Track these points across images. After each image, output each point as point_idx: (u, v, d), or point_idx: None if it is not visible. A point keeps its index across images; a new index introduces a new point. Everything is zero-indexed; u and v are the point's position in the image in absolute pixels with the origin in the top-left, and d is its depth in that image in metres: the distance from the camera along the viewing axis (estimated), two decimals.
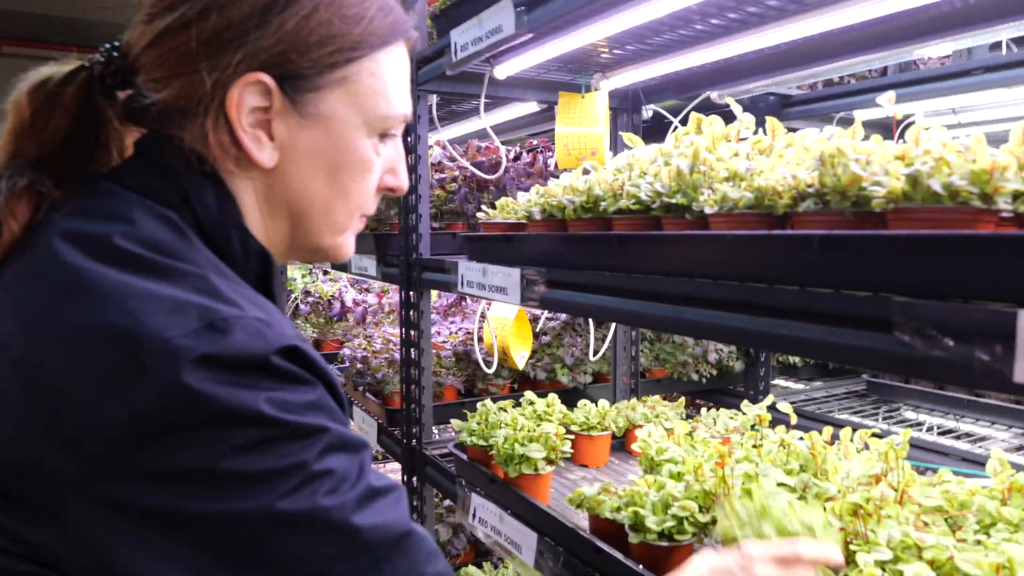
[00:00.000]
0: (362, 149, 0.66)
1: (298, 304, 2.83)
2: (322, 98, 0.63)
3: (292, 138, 0.63)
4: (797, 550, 0.82)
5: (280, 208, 0.66)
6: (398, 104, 0.67)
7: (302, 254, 0.70)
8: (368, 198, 0.69)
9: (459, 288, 1.46)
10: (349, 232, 0.70)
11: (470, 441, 1.44)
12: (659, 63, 1.64)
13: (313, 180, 0.65)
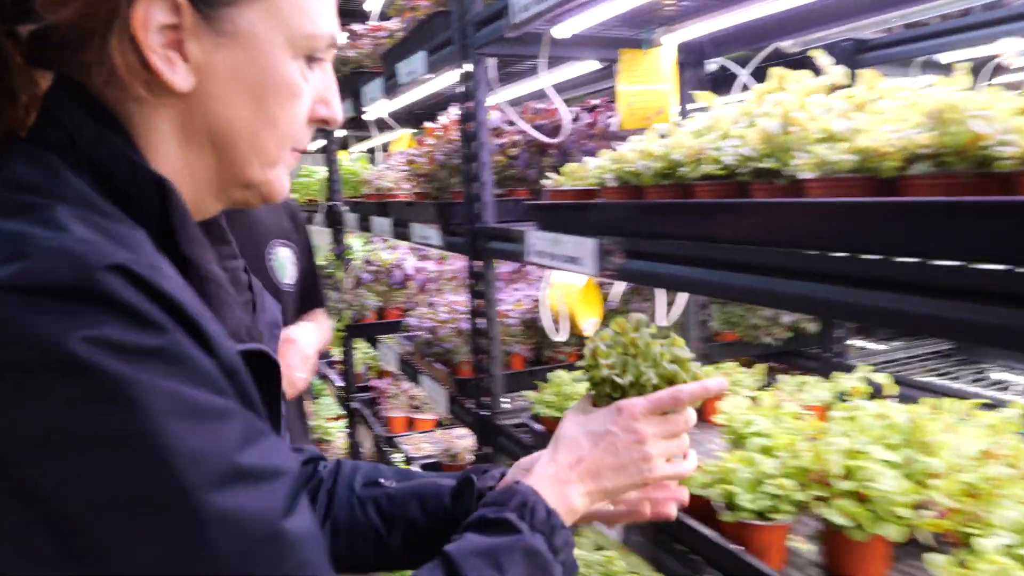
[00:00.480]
0: (288, 71, 0.61)
1: (359, 274, 2.85)
2: (239, 13, 0.59)
3: (209, 59, 0.58)
4: (675, 394, 0.77)
5: (202, 137, 0.61)
6: (324, 23, 0.63)
7: (235, 191, 0.65)
8: (298, 128, 0.64)
9: (527, 258, 1.43)
10: (281, 166, 0.65)
11: (545, 412, 1.42)
12: (728, 14, 1.55)
13: (236, 104, 0.60)
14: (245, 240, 1.72)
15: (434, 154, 1.93)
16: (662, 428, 0.76)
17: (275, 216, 1.80)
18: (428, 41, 1.85)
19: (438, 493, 0.87)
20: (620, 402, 0.76)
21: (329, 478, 0.90)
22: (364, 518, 0.86)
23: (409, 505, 0.87)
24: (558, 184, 1.39)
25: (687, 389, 0.77)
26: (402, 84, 2.08)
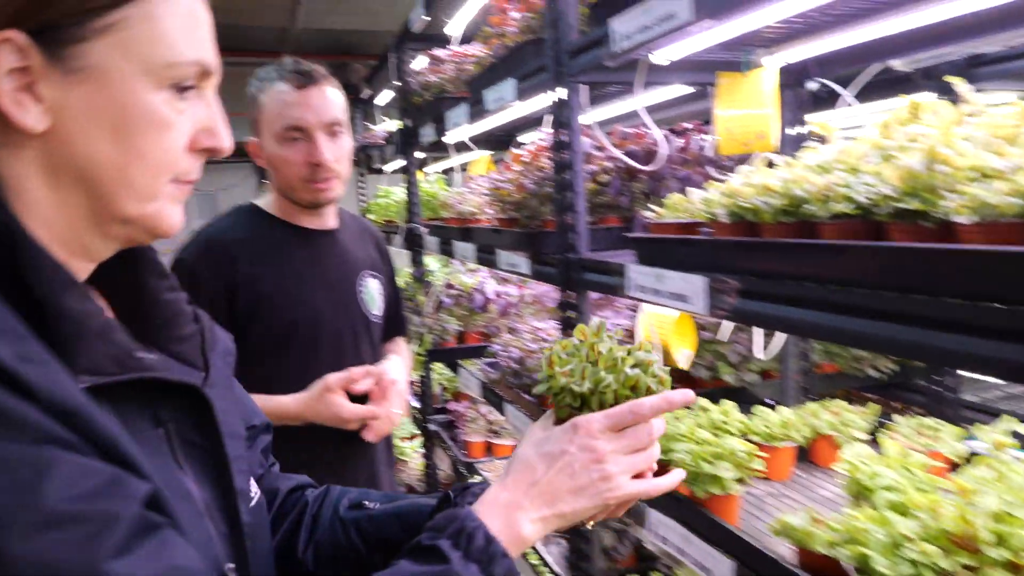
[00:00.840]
0: (149, 104, 0.60)
1: (440, 298, 2.85)
2: (89, 49, 0.58)
3: (63, 97, 0.57)
4: (635, 408, 0.72)
5: (68, 176, 0.60)
6: (186, 50, 0.61)
7: (115, 228, 0.63)
8: (175, 158, 0.63)
9: (627, 292, 1.39)
10: (162, 200, 0.63)
11: None
12: (839, 35, 1.47)
13: (96, 141, 0.59)
14: (339, 274, 1.70)
15: (523, 182, 1.90)
16: (623, 443, 0.72)
17: (364, 246, 1.81)
18: (518, 68, 1.83)
19: (418, 512, 0.86)
20: (576, 419, 0.72)
21: (315, 503, 0.91)
22: (346, 540, 0.87)
23: (389, 526, 0.86)
24: (660, 216, 1.35)
25: (648, 402, 0.72)
26: (489, 110, 2.08)
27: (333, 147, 1.56)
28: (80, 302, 0.58)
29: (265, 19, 4.96)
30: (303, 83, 1.53)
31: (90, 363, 0.56)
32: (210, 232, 1.60)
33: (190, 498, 0.64)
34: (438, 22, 3.37)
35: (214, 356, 0.74)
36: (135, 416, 0.61)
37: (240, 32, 5.34)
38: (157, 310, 0.70)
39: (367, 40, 5.74)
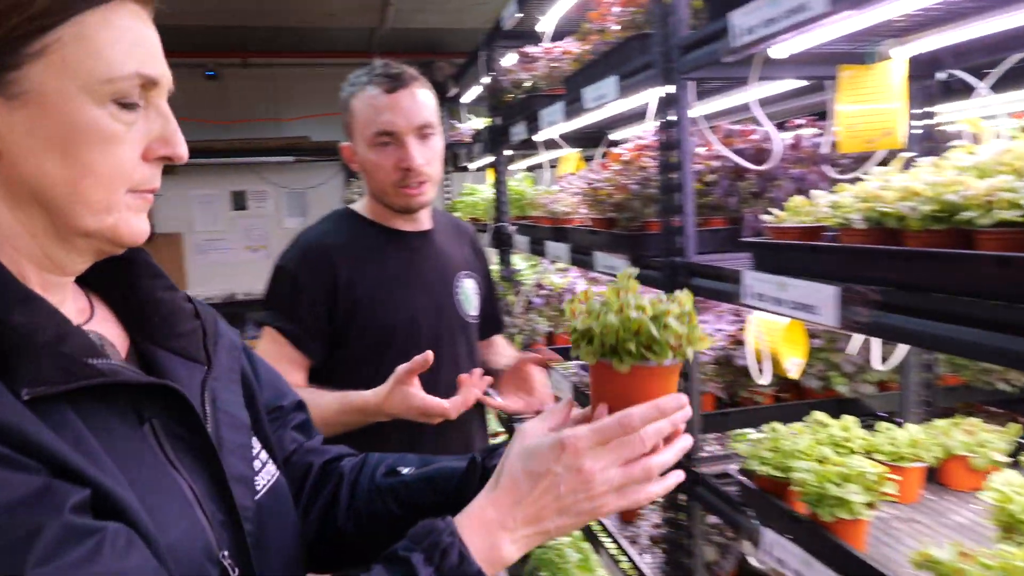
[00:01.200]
0: (93, 120, 0.62)
1: (530, 298, 2.82)
2: (25, 74, 0.60)
3: (7, 123, 0.60)
4: (623, 420, 0.69)
5: (24, 196, 0.63)
6: (123, 65, 0.63)
7: (79, 242, 0.66)
8: (128, 170, 0.65)
9: (743, 299, 1.32)
10: (122, 210, 0.65)
11: (760, 470, 1.30)
12: (977, 23, 1.36)
13: (43, 161, 0.61)
14: (435, 276, 1.68)
15: (624, 182, 1.85)
16: (614, 456, 0.70)
17: (459, 246, 1.80)
18: (621, 65, 1.78)
19: (449, 476, 0.88)
20: (563, 436, 0.69)
21: (352, 471, 0.93)
22: (383, 508, 0.89)
23: (423, 492, 0.88)
24: (779, 220, 1.27)
25: (636, 413, 0.70)
26: (587, 108, 2.03)
27: (424, 150, 1.54)
28: (28, 316, 0.60)
29: (356, 21, 5.05)
30: (393, 87, 1.52)
31: (33, 375, 0.58)
32: (308, 237, 1.61)
33: (175, 491, 0.66)
34: (530, 19, 3.33)
35: (219, 350, 0.78)
36: (112, 416, 0.64)
37: (330, 35, 5.46)
38: (153, 309, 0.75)
39: (452, 38, 5.77)
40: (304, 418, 0.96)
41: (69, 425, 0.59)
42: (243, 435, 0.77)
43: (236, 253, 6.33)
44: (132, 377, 0.64)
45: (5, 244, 0.63)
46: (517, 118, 2.87)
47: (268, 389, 0.90)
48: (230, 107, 6.02)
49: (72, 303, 0.71)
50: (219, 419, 0.75)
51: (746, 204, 1.76)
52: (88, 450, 0.59)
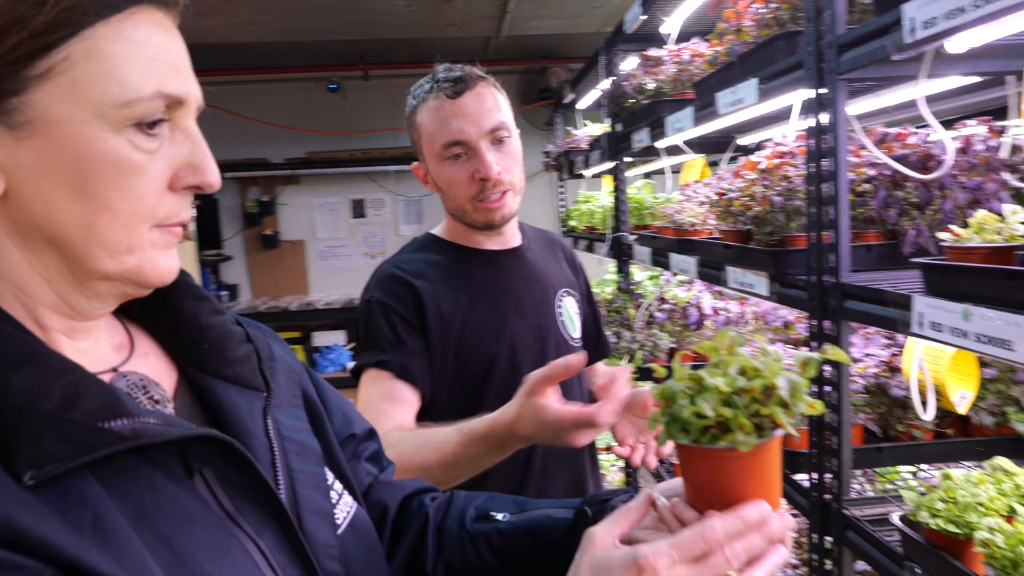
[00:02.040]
0: (109, 149, 0.54)
1: (652, 312, 2.70)
2: (29, 101, 0.52)
3: (12, 156, 0.53)
4: (706, 534, 0.60)
5: (36, 239, 0.55)
6: (142, 84, 0.54)
7: (99, 286, 0.58)
8: (151, 205, 0.57)
9: (912, 328, 1.16)
10: (146, 249, 0.57)
11: (934, 524, 1.14)
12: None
13: (55, 198, 0.54)
14: (533, 297, 1.50)
15: (765, 193, 1.71)
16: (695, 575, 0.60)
17: (554, 262, 1.66)
18: (763, 67, 1.64)
19: (552, 528, 0.81)
20: (640, 554, 0.60)
21: (438, 513, 0.86)
22: (476, 557, 0.82)
23: (522, 542, 0.81)
24: (962, 239, 1.11)
25: (720, 526, 0.60)
26: (720, 113, 1.90)
27: (500, 156, 1.38)
28: (31, 379, 0.52)
29: (474, 30, 5.08)
30: (457, 91, 1.36)
31: (36, 455, 0.49)
32: (384, 268, 1.45)
33: (237, 552, 0.59)
34: (653, 21, 3.21)
35: (276, 374, 0.72)
36: (155, 472, 0.57)
37: (447, 44, 5.53)
38: (201, 335, 0.68)
39: (568, 43, 5.70)
40: (376, 448, 0.88)
41: (88, 504, 0.51)
42: (315, 464, 0.71)
43: (355, 259, 6.52)
44: (162, 434, 0.56)
45: (16, 289, 0.57)
46: (640, 124, 2.76)
47: (337, 416, 0.83)
48: (351, 118, 6.21)
49: (108, 340, 0.65)
50: (287, 447, 0.68)
51: (906, 217, 1.58)
52: (108, 534, 0.51)
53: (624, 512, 0.68)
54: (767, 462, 0.64)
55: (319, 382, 0.84)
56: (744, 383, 0.63)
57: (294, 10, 4.37)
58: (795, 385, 0.63)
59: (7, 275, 0.56)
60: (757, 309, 2.57)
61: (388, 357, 1.34)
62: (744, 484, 0.64)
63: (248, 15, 4.40)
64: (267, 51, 5.38)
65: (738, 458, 0.62)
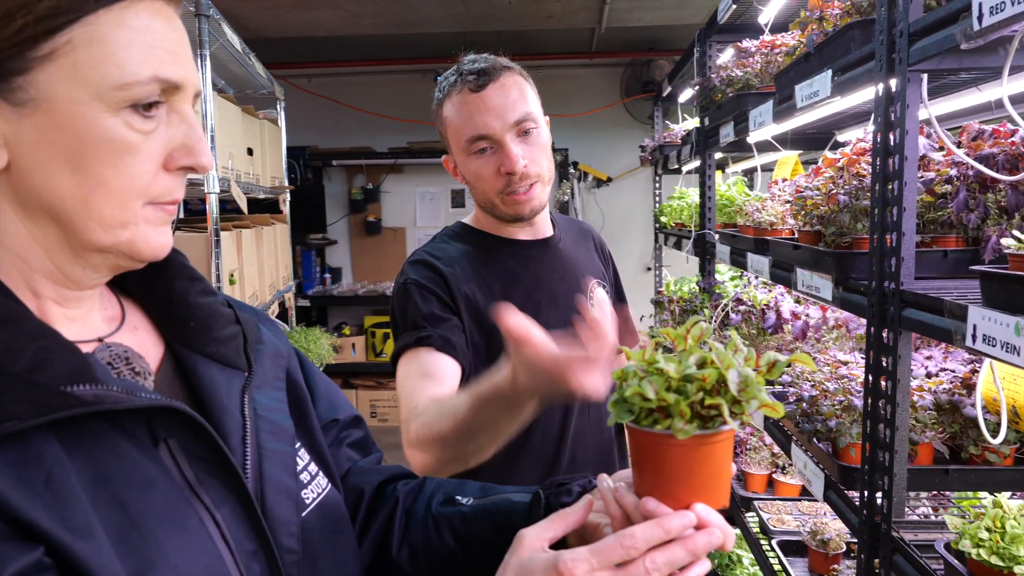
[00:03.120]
0: (106, 129, 0.57)
1: (728, 312, 2.61)
2: (33, 80, 0.55)
3: (15, 131, 0.56)
4: (624, 541, 0.60)
5: (36, 210, 0.59)
6: (139, 68, 0.57)
7: (93, 257, 0.62)
8: (145, 183, 0.60)
9: (965, 342, 1.07)
10: (139, 224, 0.61)
11: (975, 554, 1.05)
12: None
13: (54, 173, 0.57)
14: (563, 286, 1.47)
15: (835, 191, 1.61)
16: None
17: (586, 252, 1.62)
18: (839, 57, 1.55)
19: (511, 511, 0.81)
20: (560, 560, 0.60)
21: (408, 496, 0.87)
22: (439, 540, 0.83)
23: (482, 525, 0.81)
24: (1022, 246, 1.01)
25: (640, 534, 0.60)
26: (799, 107, 1.80)
27: (526, 148, 1.36)
28: (4, 341, 0.54)
29: (574, 22, 5.05)
30: (480, 83, 1.34)
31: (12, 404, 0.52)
32: (420, 255, 1.46)
33: (191, 521, 0.61)
34: (751, 11, 3.09)
35: (261, 356, 0.74)
36: (121, 439, 0.59)
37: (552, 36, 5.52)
38: (190, 313, 0.70)
39: (671, 34, 5.56)
40: (361, 435, 0.90)
41: (44, 462, 0.54)
42: (286, 443, 0.72)
43: None
44: (121, 401, 0.58)
45: (14, 257, 0.60)
46: (726, 118, 2.67)
47: (323, 402, 0.85)
48: None
49: (100, 312, 0.68)
50: (260, 426, 0.70)
51: (993, 222, 1.45)
52: (58, 494, 0.53)
53: (560, 516, 0.68)
54: (710, 456, 0.62)
55: (309, 368, 0.87)
56: (695, 372, 0.61)
57: (398, 3, 4.50)
58: (747, 380, 0.61)
59: (6, 242, 0.60)
60: (840, 315, 2.43)
61: (429, 332, 1.33)
62: (684, 475, 0.62)
63: (354, 8, 4.56)
64: (373, 43, 5.56)
65: (677, 446, 0.61)
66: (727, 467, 0.65)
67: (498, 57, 1.40)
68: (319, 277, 6.43)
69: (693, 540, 0.61)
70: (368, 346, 6.17)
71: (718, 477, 0.64)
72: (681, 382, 0.62)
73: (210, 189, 2.50)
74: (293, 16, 4.68)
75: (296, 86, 6.17)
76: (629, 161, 6.33)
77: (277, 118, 4.06)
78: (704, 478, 0.62)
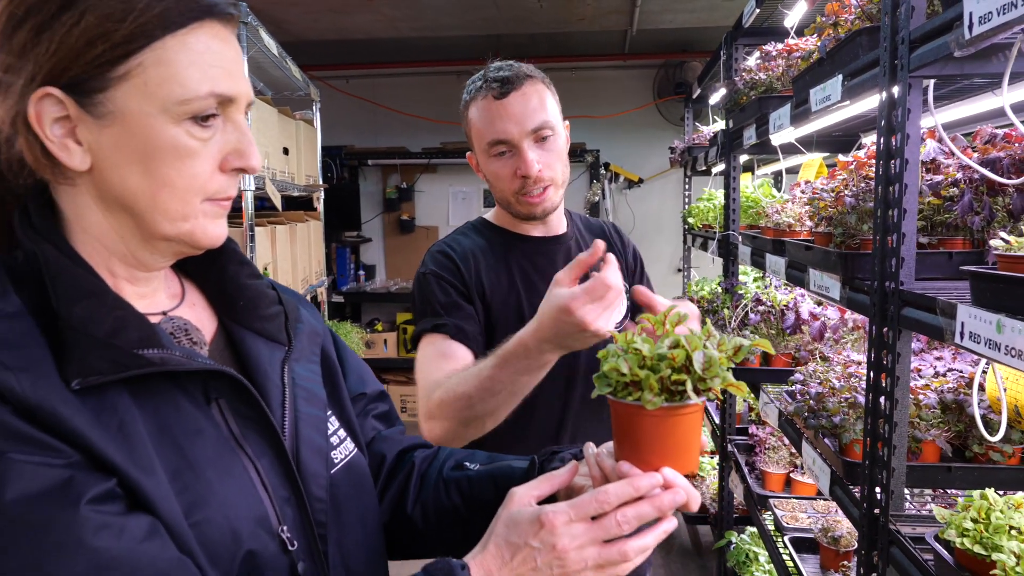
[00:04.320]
0: (170, 137, 0.67)
1: (748, 312, 2.64)
2: (112, 96, 0.65)
3: (97, 139, 0.66)
4: (599, 497, 0.69)
5: (114, 204, 0.69)
6: (198, 85, 0.67)
7: (161, 245, 0.72)
8: (203, 183, 0.69)
9: (955, 339, 1.11)
10: (198, 218, 0.71)
11: (959, 543, 1.09)
12: None
13: (128, 173, 0.67)
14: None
15: (843, 193, 1.65)
16: (592, 535, 0.70)
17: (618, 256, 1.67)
18: (848, 63, 1.59)
19: (511, 475, 0.90)
20: (543, 512, 0.70)
21: (424, 463, 0.96)
22: (447, 500, 0.92)
23: (485, 488, 0.90)
24: (1012, 248, 1.05)
25: (613, 491, 0.70)
26: (815, 111, 1.84)
27: (542, 154, 1.45)
28: (90, 309, 0.65)
29: (606, 24, 5.10)
30: (503, 91, 1.43)
31: (83, 367, 0.63)
32: (439, 246, 1.56)
33: (236, 467, 0.71)
34: (776, 14, 3.10)
35: (299, 333, 0.84)
36: (181, 397, 0.69)
37: (585, 38, 5.58)
38: (240, 293, 0.81)
39: (703, 36, 5.57)
40: (386, 408, 0.99)
41: (118, 413, 0.64)
42: (319, 409, 0.82)
43: None
44: (182, 364, 0.68)
45: (96, 243, 0.71)
46: (749, 120, 2.70)
47: (353, 376, 0.95)
48: None
49: (164, 290, 0.79)
50: (297, 393, 0.80)
51: (999, 224, 1.48)
52: (129, 437, 0.63)
53: (547, 477, 0.79)
54: (678, 426, 0.69)
55: (342, 346, 0.97)
56: (666, 352, 0.68)
57: (433, 7, 4.60)
58: (710, 360, 0.68)
59: (91, 231, 0.71)
60: (857, 317, 2.45)
61: (444, 321, 1.43)
62: (654, 443, 0.69)
63: (390, 12, 4.67)
64: (408, 46, 5.68)
65: (648, 416, 0.68)
66: (695, 437, 0.72)
67: (524, 64, 1.49)
68: (353, 274, 6.57)
69: (660, 498, 0.70)
70: (400, 342, 6.29)
71: (686, 445, 0.71)
72: (655, 360, 0.69)
73: (245, 187, 2.62)
74: (332, 20, 4.82)
75: (333, 87, 6.32)
76: (660, 163, 6.34)
77: (313, 119, 4.19)
78: (672, 445, 0.70)
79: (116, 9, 0.65)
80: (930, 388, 1.61)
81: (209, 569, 0.65)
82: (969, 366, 1.70)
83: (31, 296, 0.66)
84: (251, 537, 0.69)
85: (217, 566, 0.65)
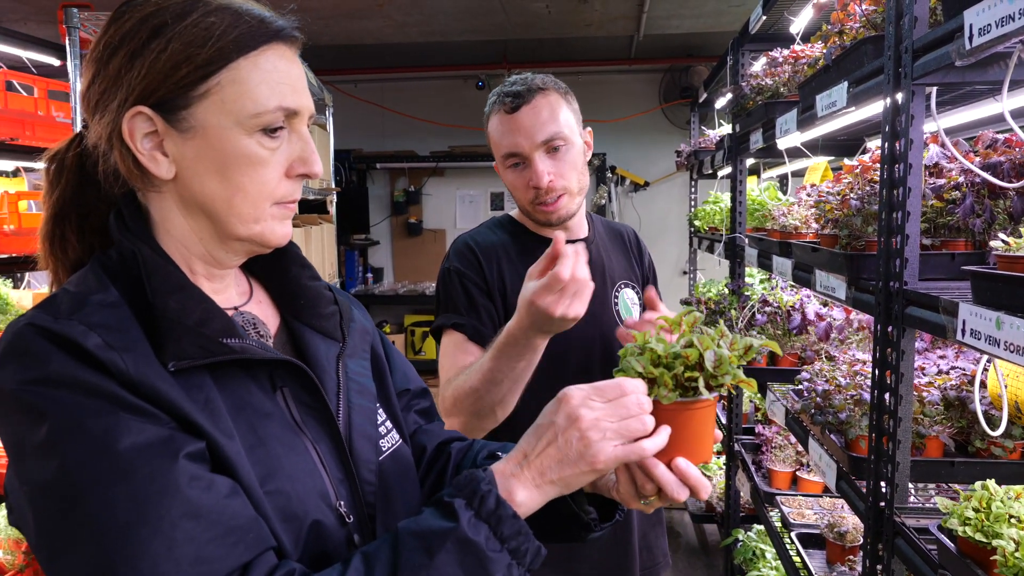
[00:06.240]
0: (244, 148, 0.74)
1: (755, 313, 2.69)
2: (192, 113, 0.73)
3: (181, 151, 0.74)
4: (620, 384, 0.75)
5: (195, 209, 0.77)
6: (268, 100, 0.75)
7: (235, 245, 0.80)
8: (272, 188, 0.77)
9: (956, 336, 1.16)
10: (268, 220, 0.78)
11: (962, 532, 1.14)
12: None
13: (208, 181, 0.75)
14: (596, 285, 1.46)
15: (849, 196, 1.70)
16: (610, 411, 0.74)
17: (618, 255, 1.74)
18: (854, 70, 1.64)
19: None
20: (565, 391, 0.76)
21: (459, 453, 1.02)
22: None
23: None
24: (1012, 248, 1.10)
25: (630, 382, 0.75)
26: (820, 117, 1.89)
27: (554, 164, 1.49)
28: (182, 301, 0.73)
29: (613, 30, 5.15)
30: (514, 105, 1.48)
31: (178, 351, 0.71)
32: (464, 239, 1.62)
33: (300, 446, 0.78)
34: (781, 21, 3.16)
35: (352, 331, 0.91)
36: (251, 384, 0.77)
37: (592, 43, 5.63)
38: (301, 293, 0.89)
39: (709, 42, 5.62)
40: (427, 404, 1.06)
41: (204, 391, 0.72)
42: (369, 401, 0.89)
43: None
44: (259, 353, 0.76)
45: (179, 243, 0.79)
46: (755, 125, 2.75)
47: (398, 373, 1.02)
48: None
49: (235, 287, 0.87)
50: (349, 387, 0.87)
51: (999, 226, 1.53)
52: (214, 411, 0.71)
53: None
54: (694, 420, 0.74)
55: (388, 345, 1.05)
56: (679, 351, 0.74)
57: (443, 13, 4.66)
58: (721, 359, 0.73)
59: (174, 233, 0.79)
60: (863, 318, 2.49)
61: (463, 321, 1.51)
62: (670, 435, 0.74)
63: (401, 18, 4.73)
64: (417, 50, 5.74)
65: (663, 410, 0.73)
66: (709, 430, 0.77)
67: (539, 76, 1.54)
68: (361, 276, 6.63)
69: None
70: (408, 344, 6.35)
71: (700, 437, 0.76)
72: (670, 359, 0.75)
73: None
74: (344, 25, 4.88)
75: (343, 91, 6.39)
76: (666, 166, 6.40)
77: (326, 123, 4.25)
78: (686, 437, 0.75)
79: (198, 37, 0.73)
80: (933, 385, 1.66)
81: (281, 534, 0.71)
82: (971, 364, 1.75)
83: (125, 290, 0.74)
84: (316, 509, 0.76)
85: (287, 533, 0.72)
